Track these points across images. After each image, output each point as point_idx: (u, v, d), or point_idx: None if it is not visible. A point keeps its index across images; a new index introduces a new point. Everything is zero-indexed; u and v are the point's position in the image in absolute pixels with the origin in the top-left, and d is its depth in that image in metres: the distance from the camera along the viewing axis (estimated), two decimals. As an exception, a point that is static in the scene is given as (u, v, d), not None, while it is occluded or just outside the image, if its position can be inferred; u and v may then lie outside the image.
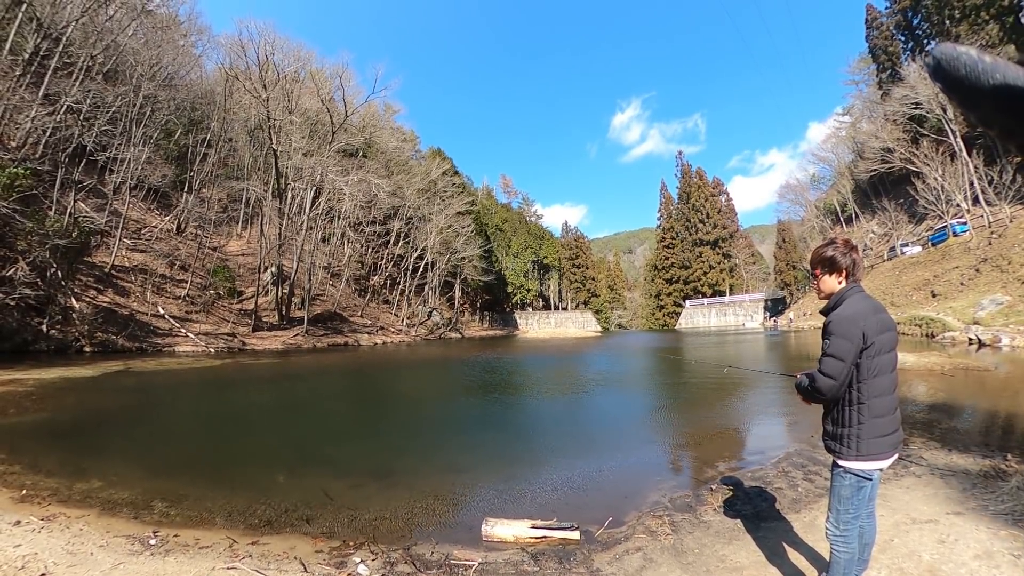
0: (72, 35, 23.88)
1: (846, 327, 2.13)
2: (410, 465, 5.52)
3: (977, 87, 0.51)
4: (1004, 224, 25.10)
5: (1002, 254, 21.93)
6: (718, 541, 3.33)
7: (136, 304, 22.84)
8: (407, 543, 3.47)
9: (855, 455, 2.18)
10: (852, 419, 2.18)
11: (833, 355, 2.14)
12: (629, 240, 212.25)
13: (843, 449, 2.22)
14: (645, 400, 10.60)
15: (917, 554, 2.94)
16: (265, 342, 25.96)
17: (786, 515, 3.69)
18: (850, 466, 2.21)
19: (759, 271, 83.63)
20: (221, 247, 35.60)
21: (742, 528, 3.51)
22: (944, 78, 0.53)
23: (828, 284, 2.31)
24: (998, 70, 0.50)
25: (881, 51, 51.82)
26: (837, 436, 2.25)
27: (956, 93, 0.53)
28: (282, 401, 10.72)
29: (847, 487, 2.25)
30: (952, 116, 37.17)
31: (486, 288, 67.56)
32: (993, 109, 0.51)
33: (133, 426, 7.54)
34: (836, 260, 2.26)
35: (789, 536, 3.32)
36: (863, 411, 2.16)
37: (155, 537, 3.49)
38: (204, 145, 36.77)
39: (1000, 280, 20.38)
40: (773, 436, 6.49)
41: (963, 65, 0.52)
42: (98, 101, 24.14)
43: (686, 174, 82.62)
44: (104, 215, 24.02)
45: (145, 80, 27.03)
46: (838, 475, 2.29)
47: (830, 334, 2.18)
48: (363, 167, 40.67)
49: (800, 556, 3.02)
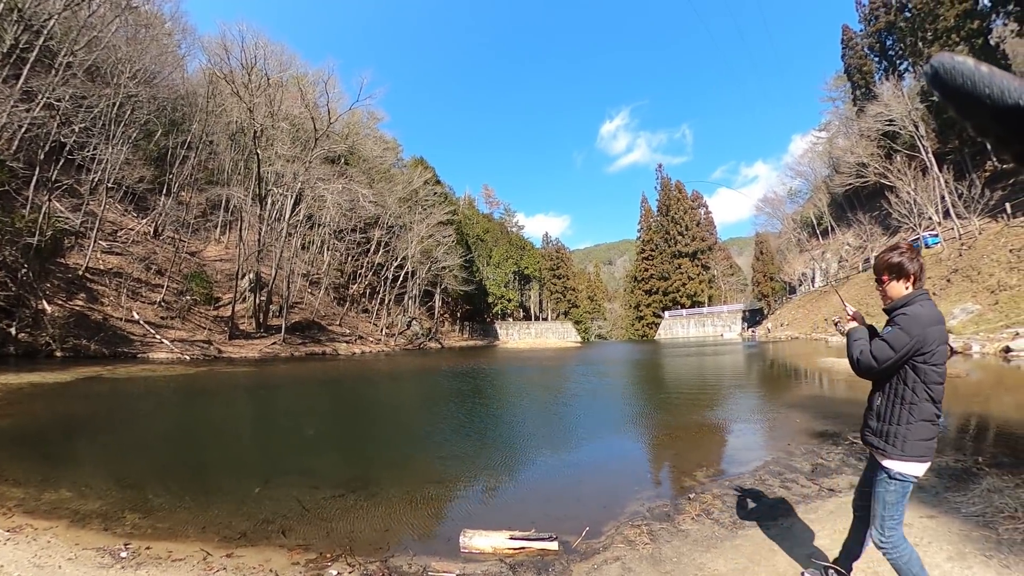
0: (54, 29, 23.30)
1: (911, 324, 2.13)
2: (387, 476, 5.46)
3: (974, 96, 0.52)
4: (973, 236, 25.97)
5: (972, 265, 22.67)
6: (696, 549, 3.35)
7: (110, 309, 22.25)
8: (384, 555, 3.42)
9: (900, 454, 2.20)
10: (902, 418, 2.20)
11: (889, 342, 2.15)
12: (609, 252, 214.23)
13: (888, 447, 2.23)
14: (624, 410, 10.64)
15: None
16: (242, 350, 25.49)
17: (764, 523, 3.73)
18: (894, 466, 2.23)
19: (737, 283, 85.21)
20: (198, 252, 34.95)
21: (720, 536, 3.54)
22: (942, 87, 0.54)
23: (895, 290, 2.29)
24: (995, 80, 0.51)
25: (856, 70, 53.62)
26: (883, 433, 2.26)
27: (953, 102, 0.54)
28: (258, 410, 10.53)
29: (892, 492, 2.26)
30: (924, 133, 38.50)
31: (466, 298, 67.52)
32: (989, 118, 0.53)
33: (104, 434, 7.32)
34: (904, 266, 2.25)
35: (767, 543, 3.35)
36: (914, 412, 2.18)
37: (126, 550, 3.39)
38: (184, 147, 36.13)
39: (970, 290, 21.03)
40: (750, 445, 6.56)
41: (960, 74, 0.52)
42: (78, 98, 23.55)
43: (666, 187, 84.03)
44: (80, 216, 23.43)
45: (127, 78, 26.47)
46: (883, 481, 2.29)
47: (895, 324, 2.18)
48: (345, 174, 40.39)
49: (778, 563, 3.06)
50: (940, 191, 33.19)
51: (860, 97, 51.71)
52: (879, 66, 51.37)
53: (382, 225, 49.20)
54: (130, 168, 27.37)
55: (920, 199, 33.25)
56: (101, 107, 25.19)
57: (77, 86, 23.17)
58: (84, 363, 16.54)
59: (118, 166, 25.80)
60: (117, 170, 25.85)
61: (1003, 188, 34.31)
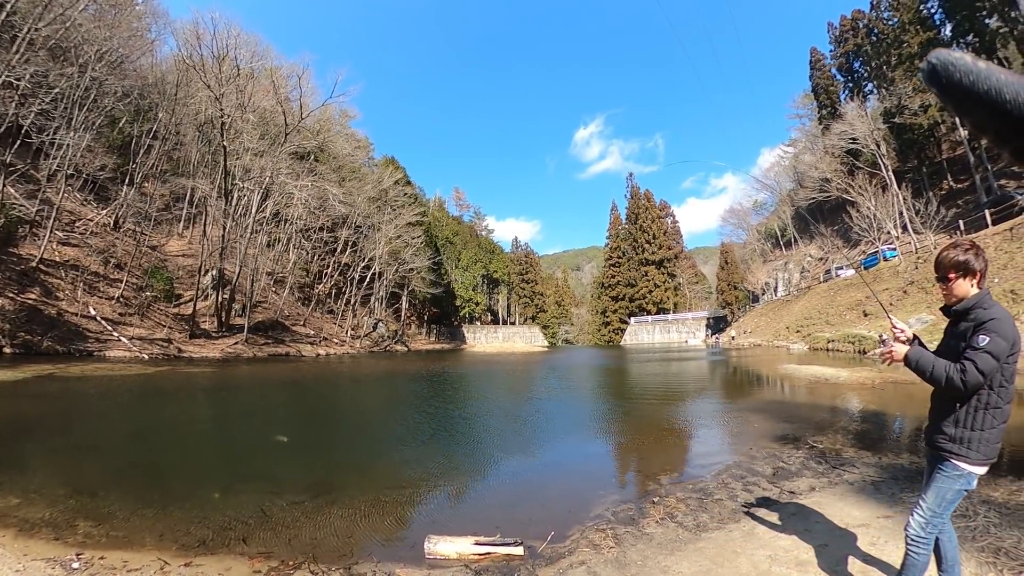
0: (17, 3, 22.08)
1: (1007, 328, 2.06)
2: (351, 481, 5.39)
3: (972, 93, 0.51)
4: (929, 250, 27.19)
5: (927, 277, 23.69)
6: (660, 552, 3.40)
7: (65, 303, 21.23)
8: (348, 562, 3.37)
9: (979, 458, 2.16)
10: (985, 423, 2.14)
11: (992, 352, 2.04)
12: (577, 258, 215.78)
13: (968, 452, 2.17)
14: (589, 414, 10.72)
15: (849, 557, 3.14)
16: (203, 349, 24.68)
17: (726, 525, 3.83)
18: (972, 469, 2.18)
19: (702, 291, 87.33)
20: (160, 246, 33.69)
21: (684, 539, 3.61)
22: (939, 83, 0.53)
23: (962, 288, 2.21)
24: (992, 76, 0.51)
25: (822, 90, 55.85)
26: (962, 439, 2.18)
27: (950, 98, 0.54)
28: (218, 413, 10.22)
29: (956, 491, 2.23)
30: (885, 152, 40.30)
31: (434, 301, 67.17)
32: (987, 115, 0.52)
33: (56, 437, 6.99)
34: (971, 264, 2.18)
35: (730, 546, 3.44)
36: (996, 416, 2.13)
37: (78, 560, 3.25)
38: (150, 136, 34.77)
39: (925, 301, 21.98)
40: (713, 449, 6.72)
41: (958, 71, 0.52)
42: (40, 76, 22.39)
43: (635, 195, 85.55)
44: (35, 203, 22.29)
45: (93, 61, 25.30)
46: (949, 476, 2.23)
47: (989, 331, 2.07)
48: (314, 171, 39.62)
49: (741, 565, 3.14)
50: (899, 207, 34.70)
51: (826, 116, 53.83)
52: (845, 86, 53.60)
53: (350, 224, 48.36)
54: (91, 155, 26.22)
55: (880, 214, 34.70)
56: (63, 88, 24.00)
57: (39, 64, 22.06)
58: (36, 360, 15.73)
59: (79, 152, 24.67)
60: (78, 157, 24.71)
61: (956, 207, 36.35)
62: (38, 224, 23.01)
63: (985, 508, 3.77)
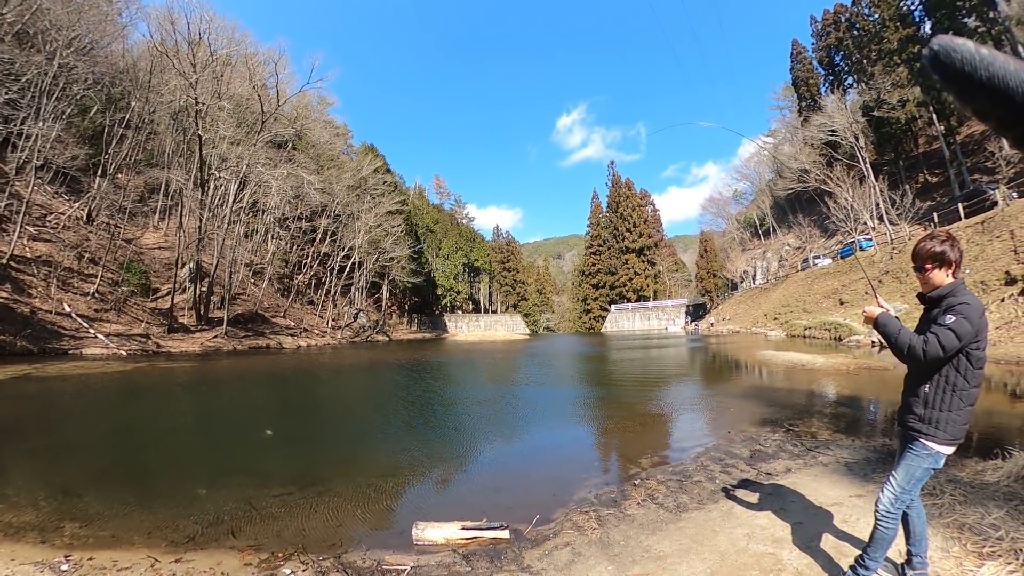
0: None
1: (973, 313, 2.16)
2: (337, 471, 5.41)
3: (974, 79, 0.51)
4: (904, 241, 27.90)
5: (901, 267, 24.35)
6: (642, 533, 3.51)
7: (38, 301, 20.66)
8: (337, 551, 3.41)
9: (947, 438, 2.27)
10: (953, 404, 2.25)
11: (955, 331, 2.15)
12: (559, 246, 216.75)
13: (936, 432, 2.28)
14: (570, 400, 10.87)
15: (823, 534, 3.28)
16: (182, 344, 24.29)
17: (705, 506, 3.96)
18: (937, 447, 2.29)
19: (682, 278, 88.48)
20: (135, 239, 32.87)
21: (665, 520, 3.72)
22: (941, 70, 0.53)
23: (938, 278, 2.32)
24: (995, 62, 0.50)
25: (803, 82, 56.52)
26: (931, 419, 2.29)
27: (953, 85, 0.53)
28: (200, 408, 10.11)
29: (924, 469, 2.34)
30: (863, 144, 41.05)
31: (415, 290, 66.83)
32: (989, 102, 0.52)
33: (36, 439, 6.84)
34: (947, 254, 2.28)
35: (709, 525, 3.57)
36: (964, 398, 2.24)
37: (67, 562, 3.22)
38: (122, 126, 33.71)
39: (899, 290, 22.57)
40: (693, 433, 6.89)
41: (961, 57, 0.52)
42: (7, 66, 21.53)
43: (616, 184, 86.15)
44: (4, 197, 21.55)
45: (62, 47, 24.38)
46: (919, 455, 2.34)
47: (957, 312, 2.18)
48: (292, 160, 38.88)
49: (720, 543, 3.26)
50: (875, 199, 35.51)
51: (806, 108, 54.51)
52: (825, 79, 54.33)
53: (329, 213, 47.68)
54: (62, 146, 25.35)
55: (857, 205, 35.45)
56: (31, 76, 23.15)
57: (4, 51, 21.22)
58: (9, 361, 15.35)
59: (49, 143, 23.87)
60: (48, 148, 23.91)
61: (931, 199, 37.31)
62: (7, 219, 22.27)
63: (951, 487, 3.94)
